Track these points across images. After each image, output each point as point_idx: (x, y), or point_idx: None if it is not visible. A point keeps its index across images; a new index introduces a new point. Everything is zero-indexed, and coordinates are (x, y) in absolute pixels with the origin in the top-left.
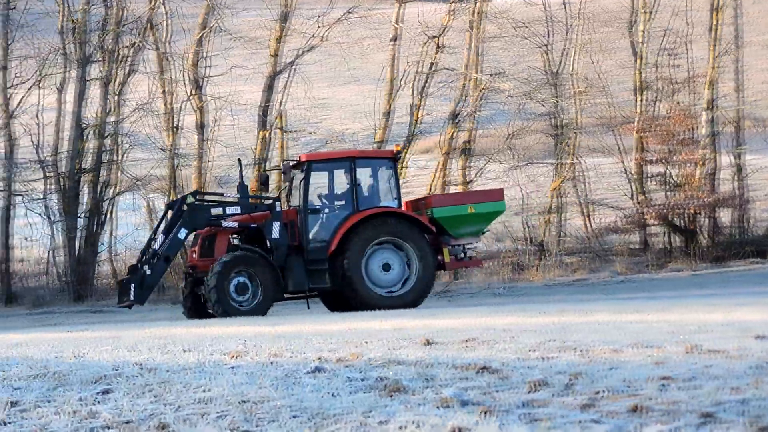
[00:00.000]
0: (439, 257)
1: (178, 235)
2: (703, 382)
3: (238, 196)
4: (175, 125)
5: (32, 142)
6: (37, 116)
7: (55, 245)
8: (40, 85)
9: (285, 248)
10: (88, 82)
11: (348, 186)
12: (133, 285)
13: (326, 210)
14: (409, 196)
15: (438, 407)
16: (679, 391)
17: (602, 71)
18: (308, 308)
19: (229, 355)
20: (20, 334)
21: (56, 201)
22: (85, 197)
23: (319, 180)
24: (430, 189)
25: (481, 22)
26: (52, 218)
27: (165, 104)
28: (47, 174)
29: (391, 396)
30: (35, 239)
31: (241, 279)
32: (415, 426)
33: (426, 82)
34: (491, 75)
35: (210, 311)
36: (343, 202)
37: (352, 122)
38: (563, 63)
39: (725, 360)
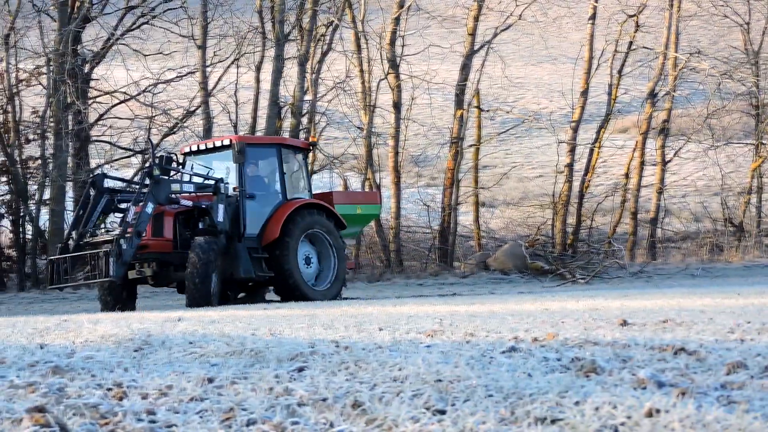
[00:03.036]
0: None
1: (147, 210)
2: None
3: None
4: (371, 104)
5: (229, 120)
6: (234, 95)
7: None
8: (238, 63)
9: (226, 233)
10: (284, 61)
11: (275, 173)
12: (112, 259)
13: (258, 196)
14: (605, 177)
15: (634, 388)
16: None
17: None
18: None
19: (425, 333)
20: (216, 311)
21: None
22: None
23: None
24: (628, 169)
25: (680, 0)
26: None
27: (362, 83)
28: None
29: (587, 376)
30: None
31: None
32: (611, 407)
33: (624, 61)
34: (689, 54)
35: (191, 299)
36: (270, 190)
37: (548, 101)
38: (763, 42)
39: None
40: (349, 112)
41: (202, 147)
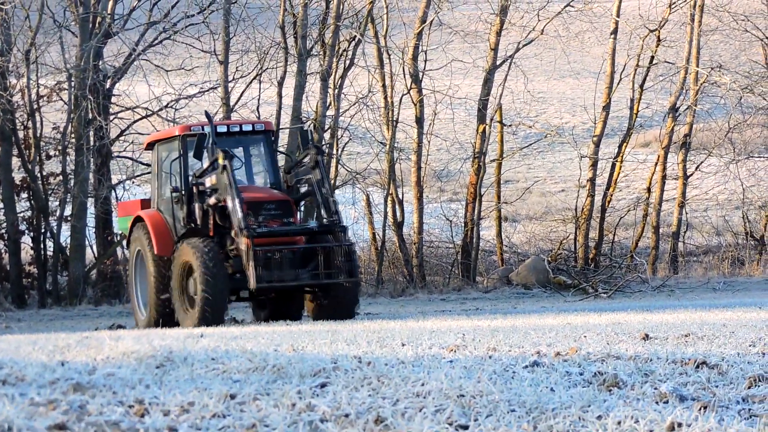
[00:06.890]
0: None
1: (335, 198)
2: None
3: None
4: (393, 119)
5: None
6: (256, 110)
7: None
8: (260, 79)
9: None
10: (307, 76)
11: (263, 162)
12: (355, 257)
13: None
14: (627, 191)
15: (656, 402)
16: None
17: None
18: None
19: (447, 348)
20: (239, 328)
21: None
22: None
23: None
24: (650, 183)
25: (701, 14)
26: None
27: (384, 98)
28: None
29: (609, 391)
30: None
31: None
32: (633, 421)
33: (645, 75)
34: (711, 68)
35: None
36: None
37: (570, 116)
38: None
39: None
40: (371, 127)
41: (222, 129)
